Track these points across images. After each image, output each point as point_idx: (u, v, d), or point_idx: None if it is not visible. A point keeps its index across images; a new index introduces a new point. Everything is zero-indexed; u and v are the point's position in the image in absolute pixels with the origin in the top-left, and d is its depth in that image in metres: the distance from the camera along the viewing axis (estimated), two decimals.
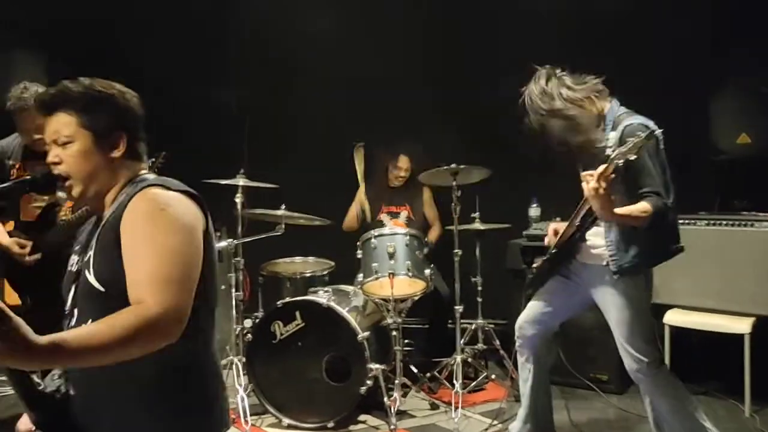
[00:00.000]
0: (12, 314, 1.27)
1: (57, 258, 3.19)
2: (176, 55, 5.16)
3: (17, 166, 3.44)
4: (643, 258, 2.67)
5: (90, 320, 1.52)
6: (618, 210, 2.48)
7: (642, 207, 2.49)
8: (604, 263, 2.71)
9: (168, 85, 4.93)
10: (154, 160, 3.31)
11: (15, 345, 1.22)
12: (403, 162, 4.55)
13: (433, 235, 4.60)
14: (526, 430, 3.09)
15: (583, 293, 2.88)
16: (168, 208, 1.53)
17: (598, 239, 2.75)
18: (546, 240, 3.01)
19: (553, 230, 2.96)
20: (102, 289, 1.52)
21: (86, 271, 1.55)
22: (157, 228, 1.49)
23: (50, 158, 1.62)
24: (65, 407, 1.53)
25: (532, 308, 3.03)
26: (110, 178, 1.66)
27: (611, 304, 2.74)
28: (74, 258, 1.70)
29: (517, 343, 3.08)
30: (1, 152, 3.48)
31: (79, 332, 1.37)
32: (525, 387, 3.07)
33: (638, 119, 2.63)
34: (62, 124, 1.61)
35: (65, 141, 1.61)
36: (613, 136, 2.58)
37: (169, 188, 1.60)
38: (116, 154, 1.65)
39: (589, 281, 2.83)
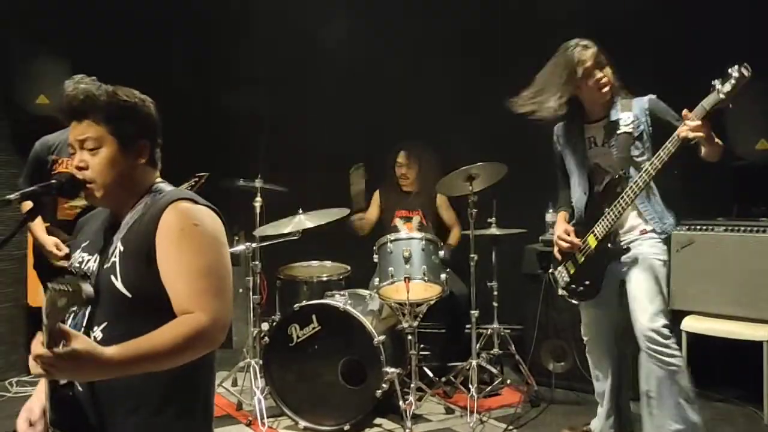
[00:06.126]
0: (75, 333, 1.35)
1: None
2: (192, 60, 5.21)
3: (60, 161, 3.48)
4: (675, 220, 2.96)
5: (114, 325, 1.57)
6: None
7: None
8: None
9: (185, 91, 5.00)
10: (197, 180, 3.33)
11: (84, 362, 1.33)
12: (402, 158, 4.53)
13: (454, 238, 4.56)
14: (608, 426, 3.15)
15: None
16: (202, 224, 1.60)
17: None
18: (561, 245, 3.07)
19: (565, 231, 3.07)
20: (129, 295, 1.57)
21: (111, 277, 1.59)
22: (196, 243, 1.57)
23: (76, 162, 1.66)
24: (77, 404, 1.59)
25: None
26: (131, 184, 1.70)
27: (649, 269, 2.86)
28: (83, 256, 1.72)
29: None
30: (46, 147, 3.52)
31: (140, 344, 1.44)
32: (604, 385, 3.15)
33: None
34: (91, 130, 1.65)
35: (93, 147, 1.65)
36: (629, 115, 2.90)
37: (197, 202, 1.65)
38: (140, 161, 1.71)
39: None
